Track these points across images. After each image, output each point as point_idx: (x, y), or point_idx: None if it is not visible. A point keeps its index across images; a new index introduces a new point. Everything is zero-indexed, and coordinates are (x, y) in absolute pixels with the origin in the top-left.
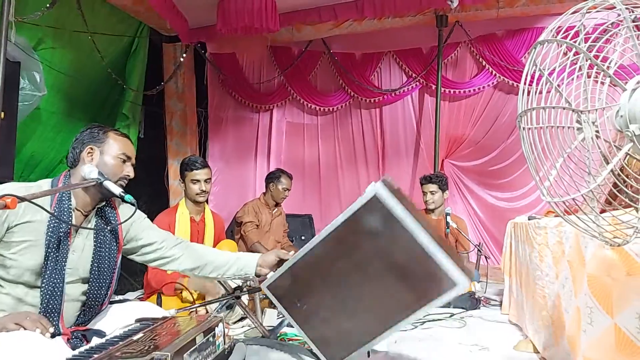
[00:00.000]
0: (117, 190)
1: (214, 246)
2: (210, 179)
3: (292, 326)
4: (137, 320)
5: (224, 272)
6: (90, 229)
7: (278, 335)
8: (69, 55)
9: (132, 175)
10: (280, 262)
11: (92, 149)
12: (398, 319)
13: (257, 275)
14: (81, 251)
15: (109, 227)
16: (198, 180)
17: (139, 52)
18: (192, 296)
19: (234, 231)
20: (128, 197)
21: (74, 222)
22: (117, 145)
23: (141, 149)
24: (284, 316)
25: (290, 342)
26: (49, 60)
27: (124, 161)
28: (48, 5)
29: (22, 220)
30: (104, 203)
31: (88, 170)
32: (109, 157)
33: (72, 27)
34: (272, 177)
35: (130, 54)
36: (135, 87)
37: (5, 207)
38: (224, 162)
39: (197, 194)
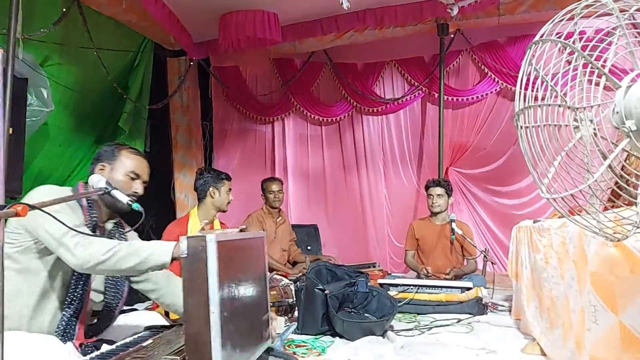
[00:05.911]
0: (124, 199)
1: None
2: None
3: (298, 332)
4: (147, 328)
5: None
6: (124, 234)
7: (285, 341)
8: (76, 71)
9: (140, 192)
10: None
11: (103, 165)
12: None
13: None
14: None
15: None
16: (230, 190)
17: (144, 66)
18: None
19: None
20: (136, 205)
21: None
22: (128, 163)
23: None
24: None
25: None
26: (56, 76)
27: (133, 179)
28: (54, 22)
29: None
30: (117, 219)
31: (96, 179)
32: (119, 174)
33: (78, 43)
34: (262, 186)
35: (135, 69)
36: (141, 101)
37: (17, 214)
38: (230, 173)
39: (228, 203)
